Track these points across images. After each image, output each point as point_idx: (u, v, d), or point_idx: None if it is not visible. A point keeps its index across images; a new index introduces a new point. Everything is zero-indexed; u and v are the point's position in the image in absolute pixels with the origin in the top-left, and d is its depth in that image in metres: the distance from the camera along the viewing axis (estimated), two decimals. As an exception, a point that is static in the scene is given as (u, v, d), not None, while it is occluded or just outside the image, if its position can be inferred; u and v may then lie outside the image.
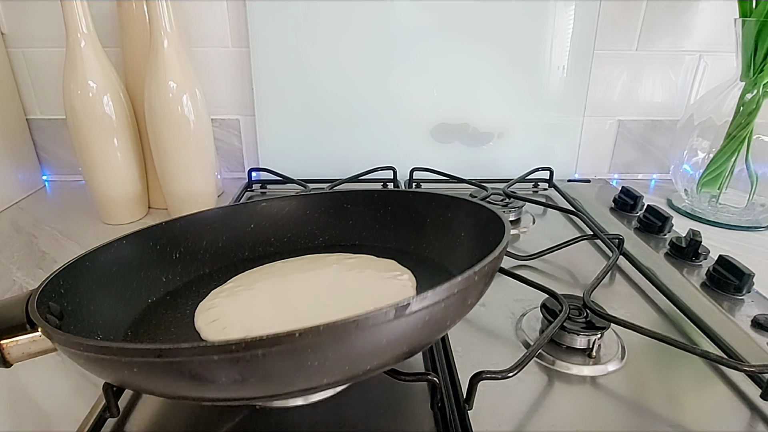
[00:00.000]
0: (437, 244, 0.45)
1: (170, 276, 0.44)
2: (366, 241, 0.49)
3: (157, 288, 0.43)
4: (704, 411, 0.36)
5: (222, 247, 0.48)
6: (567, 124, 0.78)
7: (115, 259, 0.40)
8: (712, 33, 0.74)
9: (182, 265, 0.45)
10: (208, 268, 0.47)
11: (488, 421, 0.34)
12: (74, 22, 0.56)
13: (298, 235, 0.51)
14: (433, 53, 0.72)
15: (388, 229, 0.49)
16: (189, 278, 0.46)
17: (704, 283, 0.50)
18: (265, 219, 0.50)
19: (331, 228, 0.51)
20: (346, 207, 0.50)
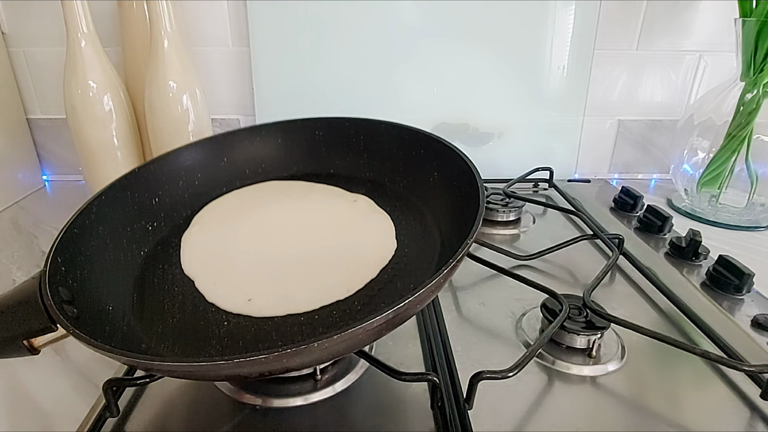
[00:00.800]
0: (412, 180, 0.45)
1: (155, 224, 0.44)
2: (340, 170, 0.49)
3: (146, 239, 0.43)
4: (704, 411, 0.36)
5: (199, 185, 0.48)
6: (567, 124, 0.78)
7: (99, 220, 0.40)
8: (712, 33, 0.74)
9: (164, 211, 0.45)
10: (190, 209, 0.47)
11: (488, 421, 0.34)
12: (74, 21, 0.56)
13: (272, 165, 0.50)
14: (433, 53, 0.72)
15: (362, 158, 0.48)
16: (174, 222, 0.46)
17: (704, 282, 0.50)
18: (237, 151, 0.49)
19: (304, 157, 0.50)
20: (318, 135, 0.50)
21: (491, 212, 0.63)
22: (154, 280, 0.41)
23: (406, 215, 0.44)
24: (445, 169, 0.43)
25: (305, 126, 0.50)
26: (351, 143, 0.49)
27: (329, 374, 0.38)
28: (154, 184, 0.45)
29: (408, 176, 0.46)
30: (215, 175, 0.49)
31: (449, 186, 0.42)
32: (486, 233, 0.62)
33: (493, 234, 0.62)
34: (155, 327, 0.37)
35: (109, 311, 0.36)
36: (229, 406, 0.35)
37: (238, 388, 0.37)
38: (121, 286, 0.39)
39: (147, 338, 0.36)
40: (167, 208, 0.46)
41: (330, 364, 0.38)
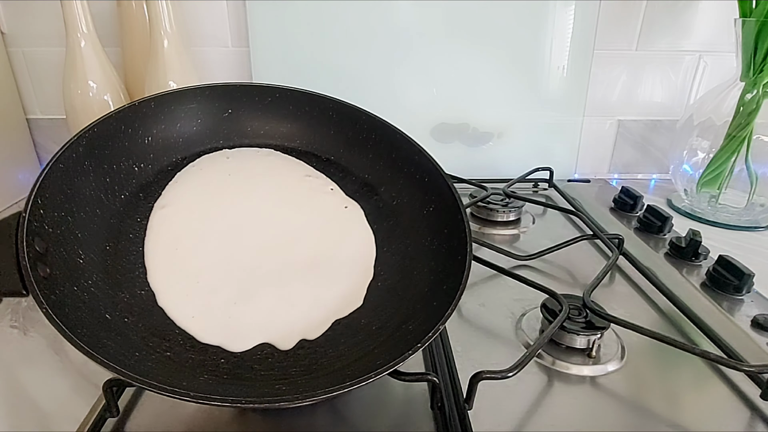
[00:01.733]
0: (407, 202, 0.44)
1: (142, 165, 0.42)
2: (341, 160, 0.48)
3: (130, 181, 0.41)
4: (704, 411, 0.36)
5: (196, 132, 0.46)
6: (567, 124, 0.78)
7: (86, 154, 0.38)
8: (712, 33, 0.74)
9: (154, 152, 0.43)
10: (181, 155, 0.45)
11: (488, 421, 0.34)
12: (74, 21, 0.56)
13: (275, 130, 0.48)
14: (433, 53, 0.72)
15: (366, 157, 0.47)
16: (161, 166, 0.43)
17: (704, 283, 0.50)
18: (244, 107, 0.47)
19: (310, 132, 0.48)
20: (331, 116, 0.48)
21: (491, 212, 0.63)
22: (129, 235, 0.39)
23: (390, 242, 0.43)
24: (442, 212, 0.42)
25: (321, 102, 0.48)
26: (361, 138, 0.47)
27: (329, 374, 0.38)
28: (151, 122, 0.43)
29: (405, 196, 0.45)
30: (215, 126, 0.46)
31: (439, 230, 0.41)
32: (486, 233, 0.62)
33: (492, 234, 0.62)
34: (121, 295, 0.36)
35: (79, 265, 0.35)
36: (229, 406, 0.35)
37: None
38: (96, 232, 0.37)
39: (111, 308, 0.35)
40: (158, 149, 0.43)
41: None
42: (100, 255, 0.37)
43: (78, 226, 0.36)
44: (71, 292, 0.33)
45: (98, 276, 0.36)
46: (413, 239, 0.43)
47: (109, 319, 0.34)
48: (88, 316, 0.33)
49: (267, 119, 0.48)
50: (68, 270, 0.34)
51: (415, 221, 0.43)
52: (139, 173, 0.42)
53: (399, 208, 0.45)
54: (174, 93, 0.44)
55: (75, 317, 0.32)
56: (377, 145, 0.47)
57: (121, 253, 0.38)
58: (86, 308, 0.33)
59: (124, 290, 0.37)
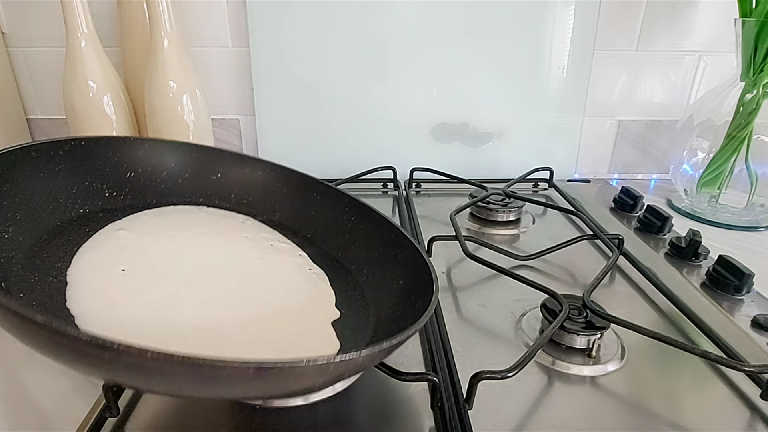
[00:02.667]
0: (377, 278, 0.43)
1: (114, 193, 0.42)
2: (317, 239, 0.48)
3: (96, 201, 0.41)
4: (704, 411, 0.36)
5: (180, 184, 0.46)
6: (567, 124, 0.78)
7: (65, 156, 0.38)
8: (712, 33, 0.74)
9: (131, 188, 0.43)
10: (156, 200, 0.44)
11: (488, 421, 0.34)
12: (74, 21, 0.56)
13: (258, 201, 0.49)
14: (432, 53, 0.72)
15: (343, 238, 0.47)
16: (132, 202, 0.43)
17: (704, 283, 0.50)
18: (234, 174, 0.48)
19: (292, 209, 0.49)
20: (316, 197, 0.49)
21: (491, 212, 0.63)
22: (70, 237, 0.38)
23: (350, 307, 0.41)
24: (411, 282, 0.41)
25: (310, 184, 0.49)
26: (341, 220, 0.48)
27: (329, 374, 0.38)
28: (139, 160, 0.43)
29: (375, 274, 0.44)
30: (200, 184, 0.47)
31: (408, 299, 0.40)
32: (486, 233, 0.62)
33: (492, 234, 0.62)
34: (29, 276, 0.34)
35: (3, 238, 0.34)
36: (228, 406, 0.35)
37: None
38: (37, 224, 0.36)
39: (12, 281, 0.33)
40: (136, 186, 0.43)
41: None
42: (30, 239, 0.36)
43: (21, 209, 0.36)
44: None
45: (16, 253, 0.34)
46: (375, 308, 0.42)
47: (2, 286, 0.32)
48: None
49: (253, 190, 0.49)
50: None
51: (383, 294, 0.42)
52: (108, 198, 0.42)
53: (367, 283, 0.44)
54: (171, 143, 0.45)
55: None
56: (356, 227, 0.47)
57: (52, 246, 0.37)
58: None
59: (36, 274, 0.35)
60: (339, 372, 0.28)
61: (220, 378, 0.23)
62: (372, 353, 0.27)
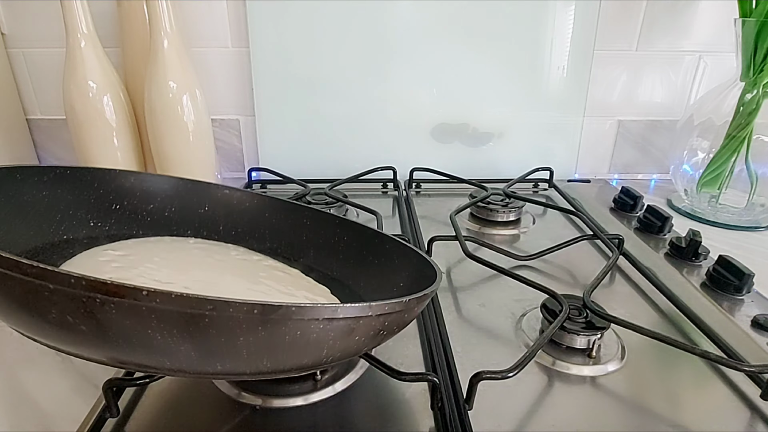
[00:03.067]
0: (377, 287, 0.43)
1: (99, 223, 0.42)
2: (310, 261, 0.48)
3: (80, 229, 0.41)
4: (704, 411, 0.36)
5: (167, 217, 0.46)
6: (567, 124, 0.78)
7: (50, 184, 0.38)
8: (712, 33, 0.74)
9: (117, 219, 0.43)
10: (142, 231, 0.44)
11: (488, 421, 0.34)
12: (74, 22, 0.56)
13: (247, 232, 0.49)
14: (433, 53, 0.72)
15: (336, 258, 0.47)
16: (118, 233, 0.43)
17: (704, 283, 0.50)
18: (221, 206, 0.48)
19: (282, 236, 0.49)
20: (305, 223, 0.49)
21: (491, 212, 0.63)
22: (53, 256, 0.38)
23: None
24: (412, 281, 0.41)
25: (298, 211, 0.49)
26: (332, 241, 0.47)
27: (329, 374, 0.38)
28: (125, 193, 0.43)
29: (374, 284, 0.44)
30: (188, 217, 0.47)
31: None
32: (486, 233, 0.62)
33: (493, 234, 0.62)
34: None
35: None
36: (228, 406, 0.35)
37: (238, 388, 0.37)
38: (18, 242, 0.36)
39: None
40: (122, 219, 0.43)
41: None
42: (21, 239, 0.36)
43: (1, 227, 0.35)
44: None
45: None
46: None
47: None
48: None
49: (242, 222, 0.49)
50: None
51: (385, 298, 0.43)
52: (92, 228, 0.42)
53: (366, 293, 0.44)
54: (157, 176, 0.45)
55: None
56: (348, 247, 0.47)
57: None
58: None
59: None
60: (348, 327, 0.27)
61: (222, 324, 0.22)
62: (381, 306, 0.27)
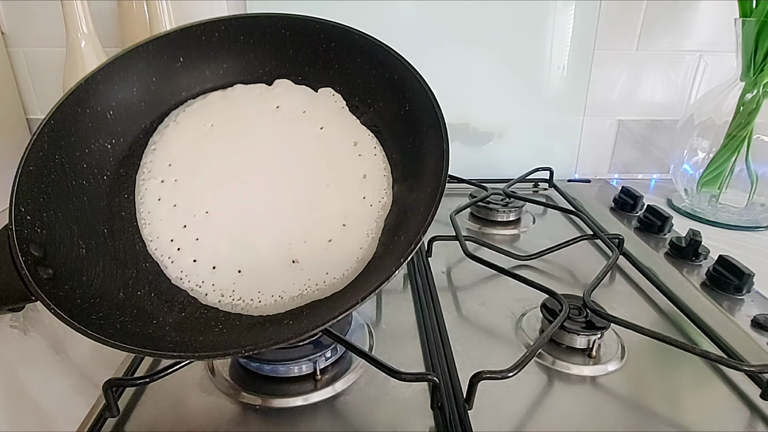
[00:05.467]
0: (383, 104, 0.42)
1: (114, 141, 0.41)
2: (308, 79, 0.45)
3: (107, 160, 0.41)
4: (704, 411, 0.36)
5: (155, 90, 0.43)
6: (567, 124, 0.78)
7: (53, 148, 0.37)
8: (712, 33, 0.74)
9: (121, 125, 0.42)
10: (149, 119, 0.43)
11: (488, 421, 0.34)
12: (74, 21, 0.56)
13: (234, 66, 0.45)
14: (433, 53, 0.72)
15: (332, 69, 0.44)
16: (133, 136, 0.42)
17: (704, 283, 0.50)
18: (194, 51, 0.44)
19: (270, 58, 0.45)
20: (285, 34, 0.44)
21: (491, 212, 0.63)
22: (122, 213, 0.39)
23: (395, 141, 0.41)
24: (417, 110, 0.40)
25: (269, 23, 0.44)
26: (321, 49, 0.44)
27: (329, 374, 0.38)
28: (106, 95, 0.41)
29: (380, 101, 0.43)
30: (172, 78, 0.44)
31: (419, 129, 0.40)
32: (486, 233, 0.62)
33: (493, 234, 0.62)
34: (129, 272, 0.37)
35: (83, 255, 0.35)
36: (228, 406, 0.35)
37: (238, 388, 0.37)
38: (89, 219, 0.38)
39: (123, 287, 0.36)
40: (124, 120, 0.42)
41: (330, 364, 0.38)
42: (99, 239, 0.38)
43: (70, 219, 0.36)
44: (81, 283, 0.34)
45: (104, 260, 0.37)
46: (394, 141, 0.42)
47: (123, 297, 0.36)
48: (102, 301, 0.34)
49: (222, 57, 0.45)
50: (72, 263, 0.34)
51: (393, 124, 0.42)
52: (113, 150, 0.41)
53: (376, 115, 0.43)
54: (118, 58, 0.42)
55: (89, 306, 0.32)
56: (340, 53, 0.44)
57: (118, 233, 0.39)
58: (99, 294, 0.34)
59: (130, 267, 0.38)
60: None
61: None
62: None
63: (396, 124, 0.42)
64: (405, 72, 0.41)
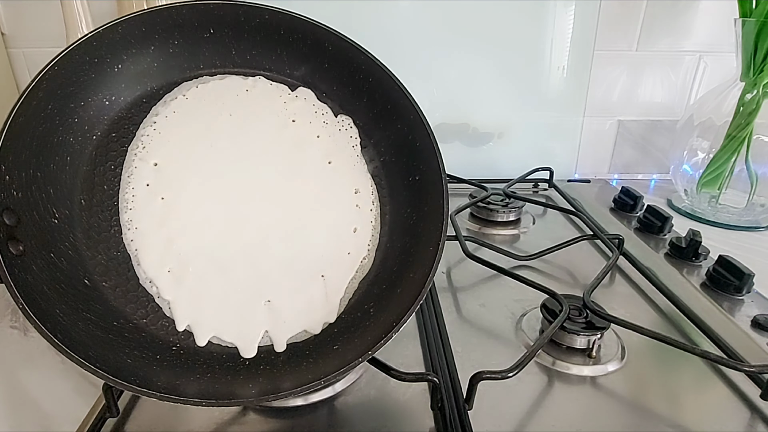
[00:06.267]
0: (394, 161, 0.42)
1: (113, 97, 0.38)
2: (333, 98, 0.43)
3: (100, 118, 0.37)
4: (704, 411, 0.36)
5: (172, 54, 0.40)
6: (567, 124, 0.78)
7: (48, 96, 0.34)
8: (712, 33, 0.74)
9: (125, 82, 0.39)
10: (156, 84, 0.40)
11: (488, 421, 0.34)
12: (74, 22, 0.56)
13: (263, 55, 0.42)
14: (433, 53, 0.72)
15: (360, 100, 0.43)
16: (133, 97, 0.39)
17: (704, 283, 0.50)
18: (227, 27, 0.41)
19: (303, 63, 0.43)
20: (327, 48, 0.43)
21: (491, 212, 0.63)
22: (104, 186, 0.37)
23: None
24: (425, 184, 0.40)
25: (318, 32, 0.42)
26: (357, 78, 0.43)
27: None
28: (120, 47, 0.38)
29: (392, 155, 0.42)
30: (194, 48, 0.41)
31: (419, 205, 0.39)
32: (486, 233, 0.62)
33: (493, 234, 0.62)
34: (99, 257, 0.35)
35: (54, 226, 0.33)
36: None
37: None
38: (69, 183, 0.35)
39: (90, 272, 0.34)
40: (130, 77, 0.39)
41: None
42: (74, 210, 0.35)
43: (48, 180, 0.34)
44: (48, 263, 0.32)
45: (74, 235, 0.34)
46: (393, 206, 0.41)
47: (88, 285, 0.33)
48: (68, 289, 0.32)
49: (254, 43, 0.42)
50: (43, 235, 0.32)
51: (397, 188, 0.41)
52: (109, 107, 0.38)
53: (384, 168, 0.42)
54: (146, 13, 0.38)
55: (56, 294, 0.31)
56: (373, 91, 0.42)
57: (96, 208, 0.36)
58: (65, 279, 0.32)
59: (100, 251, 0.35)
60: None
61: None
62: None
63: (400, 190, 0.41)
64: (428, 143, 0.39)
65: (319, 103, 0.43)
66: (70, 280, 0.33)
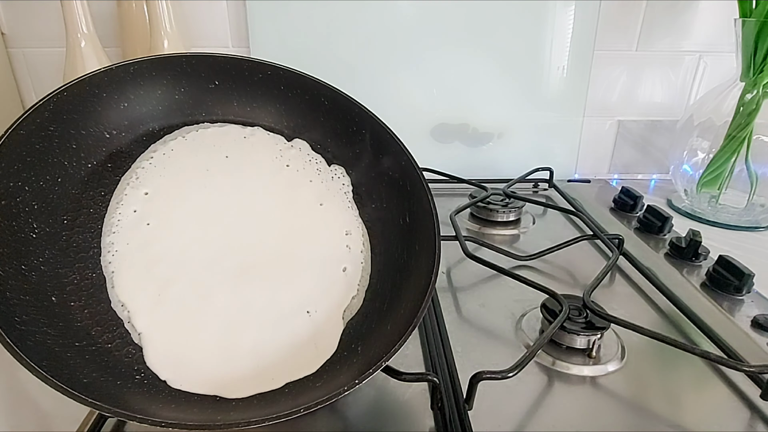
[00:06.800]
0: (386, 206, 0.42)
1: (115, 132, 0.39)
2: (327, 151, 0.45)
3: (99, 149, 0.38)
4: (704, 411, 0.36)
5: (177, 101, 0.42)
6: (567, 124, 0.78)
7: (52, 118, 0.35)
8: (712, 33, 0.74)
9: (128, 119, 0.40)
10: (158, 124, 0.42)
11: (488, 421, 0.34)
12: (74, 22, 0.56)
13: (262, 109, 0.45)
14: (433, 53, 0.72)
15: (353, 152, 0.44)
16: (135, 135, 0.40)
17: (704, 283, 0.50)
18: (232, 80, 0.44)
19: (299, 116, 0.45)
20: (323, 102, 0.45)
21: (491, 212, 0.63)
22: (90, 210, 0.37)
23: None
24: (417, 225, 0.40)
25: (315, 88, 0.45)
26: (350, 131, 0.44)
27: (329, 374, 0.38)
28: (129, 87, 0.40)
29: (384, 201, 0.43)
30: (198, 97, 0.43)
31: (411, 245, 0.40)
32: (486, 233, 0.62)
33: (493, 234, 0.62)
34: (71, 277, 0.34)
35: (31, 240, 0.33)
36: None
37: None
38: (55, 203, 0.35)
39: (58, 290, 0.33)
40: (134, 116, 0.40)
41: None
42: (55, 228, 0.35)
43: (35, 196, 0.34)
44: (17, 273, 0.31)
45: (50, 252, 0.34)
46: (384, 246, 0.42)
47: (54, 302, 0.33)
48: (32, 300, 0.31)
49: (255, 96, 0.45)
50: (17, 245, 0.32)
51: (389, 230, 0.42)
52: (110, 140, 0.39)
53: (376, 213, 0.43)
54: (157, 60, 0.41)
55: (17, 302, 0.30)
56: (366, 142, 0.44)
57: (78, 229, 0.36)
58: (31, 291, 0.32)
59: (75, 271, 0.35)
60: None
61: None
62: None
63: (392, 231, 0.42)
64: (418, 184, 0.41)
65: (313, 153, 0.45)
66: (37, 293, 0.32)
